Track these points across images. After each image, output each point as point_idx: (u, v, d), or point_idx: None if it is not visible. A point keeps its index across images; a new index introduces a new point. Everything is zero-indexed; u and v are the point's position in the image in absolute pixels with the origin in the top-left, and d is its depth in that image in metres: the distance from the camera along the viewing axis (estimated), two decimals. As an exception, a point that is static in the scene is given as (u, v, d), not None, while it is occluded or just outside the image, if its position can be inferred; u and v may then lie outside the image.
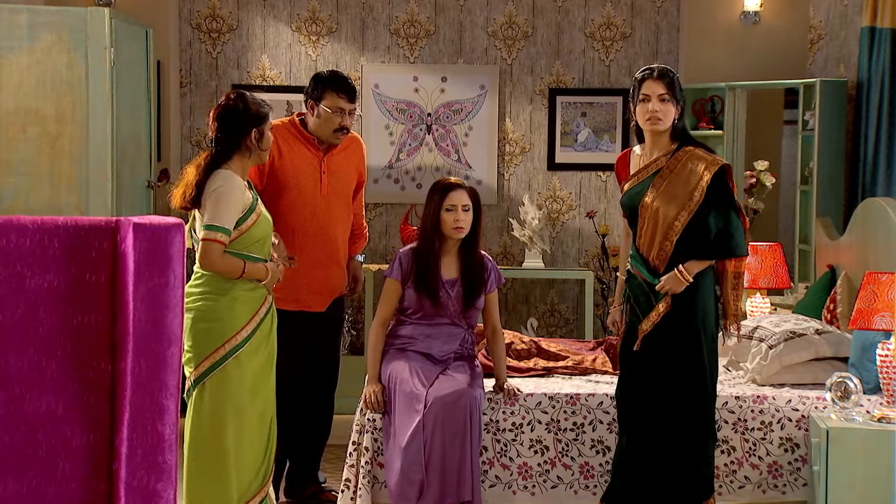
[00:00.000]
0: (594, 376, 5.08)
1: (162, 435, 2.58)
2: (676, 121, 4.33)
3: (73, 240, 2.53)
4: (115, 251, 2.54)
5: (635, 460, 4.31)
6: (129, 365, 2.54)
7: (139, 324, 2.55)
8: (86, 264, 2.53)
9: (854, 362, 4.90)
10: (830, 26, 6.87)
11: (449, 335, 4.75)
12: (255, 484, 4.21)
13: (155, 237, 2.57)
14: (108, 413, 2.54)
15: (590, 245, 7.33)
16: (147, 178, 6.46)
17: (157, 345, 2.58)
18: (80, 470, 2.52)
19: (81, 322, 2.53)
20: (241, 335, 4.14)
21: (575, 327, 7.35)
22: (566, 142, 7.33)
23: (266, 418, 4.27)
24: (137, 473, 2.54)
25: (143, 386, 2.56)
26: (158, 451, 2.57)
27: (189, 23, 7.25)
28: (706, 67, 7.10)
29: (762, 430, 4.71)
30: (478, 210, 4.76)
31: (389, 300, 4.76)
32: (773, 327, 5.12)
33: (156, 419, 2.57)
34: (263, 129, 4.26)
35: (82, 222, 2.55)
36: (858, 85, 6.39)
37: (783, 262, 5.95)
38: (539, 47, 7.30)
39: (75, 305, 2.53)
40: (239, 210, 4.13)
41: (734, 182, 4.39)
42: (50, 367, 2.52)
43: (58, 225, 2.53)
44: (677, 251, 4.26)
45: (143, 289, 2.55)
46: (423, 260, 4.71)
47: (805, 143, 6.72)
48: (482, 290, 4.77)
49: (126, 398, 2.54)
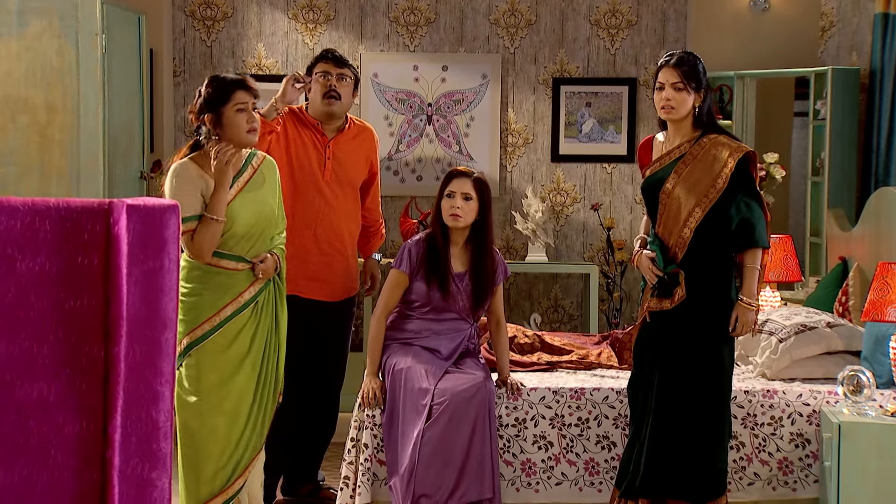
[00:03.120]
0: (599, 371, 5.08)
1: (156, 422, 2.58)
2: (698, 108, 4.33)
3: (65, 222, 2.53)
4: (109, 234, 2.54)
5: (648, 456, 4.31)
6: (123, 350, 2.54)
7: (133, 308, 2.55)
8: (78, 247, 2.53)
9: (867, 356, 4.90)
10: (842, 13, 6.87)
11: (455, 330, 4.74)
12: (218, 481, 4.21)
13: (149, 219, 2.57)
14: (102, 400, 2.55)
15: (595, 239, 7.33)
16: (140, 169, 6.47)
17: (152, 330, 2.58)
18: (73, 458, 2.52)
19: (74, 306, 2.54)
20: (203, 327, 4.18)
21: (579, 323, 7.35)
22: (570, 133, 7.33)
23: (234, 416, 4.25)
24: (131, 461, 2.55)
25: (137, 372, 2.57)
26: (153, 439, 2.58)
27: (183, 10, 7.25)
28: (715, 56, 7.10)
29: (772, 426, 4.71)
30: (485, 202, 4.71)
31: (394, 292, 4.74)
32: (783, 320, 5.12)
33: (150, 406, 2.57)
34: (223, 111, 4.18)
35: (74, 204, 2.55)
36: (871, 73, 6.40)
37: (794, 254, 5.95)
38: (542, 35, 7.30)
39: (67, 289, 2.54)
40: (190, 195, 4.11)
41: (757, 172, 4.39)
42: (42, 353, 2.52)
43: (49, 207, 2.53)
44: (696, 239, 4.26)
45: (136, 272, 2.55)
46: (433, 250, 4.69)
47: (816, 132, 6.72)
48: (492, 286, 4.76)
49: (120, 385, 2.54)
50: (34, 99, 5.74)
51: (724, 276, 4.30)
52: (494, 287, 4.77)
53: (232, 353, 4.21)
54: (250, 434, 4.26)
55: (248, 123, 4.20)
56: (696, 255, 4.27)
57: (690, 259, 4.27)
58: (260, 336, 4.28)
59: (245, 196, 4.25)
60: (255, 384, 4.27)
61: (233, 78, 4.26)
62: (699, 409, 4.27)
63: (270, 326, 4.32)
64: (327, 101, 5.01)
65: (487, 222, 4.73)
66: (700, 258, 4.27)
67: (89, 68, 5.76)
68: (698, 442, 4.27)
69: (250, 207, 4.24)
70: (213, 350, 4.19)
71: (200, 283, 4.20)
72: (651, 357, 4.34)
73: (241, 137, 4.20)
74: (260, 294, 4.27)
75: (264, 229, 4.29)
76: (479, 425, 4.45)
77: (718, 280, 4.29)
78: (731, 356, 4.34)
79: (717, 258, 4.29)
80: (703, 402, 4.27)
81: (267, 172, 4.36)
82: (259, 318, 4.28)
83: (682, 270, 4.27)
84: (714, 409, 4.29)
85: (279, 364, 4.35)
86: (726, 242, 4.28)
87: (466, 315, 4.76)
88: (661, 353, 4.31)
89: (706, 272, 4.28)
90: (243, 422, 4.24)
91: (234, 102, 4.19)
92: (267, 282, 4.29)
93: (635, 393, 4.40)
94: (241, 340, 4.23)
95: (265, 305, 4.29)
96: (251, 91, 4.24)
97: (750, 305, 4.27)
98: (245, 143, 4.22)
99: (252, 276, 4.24)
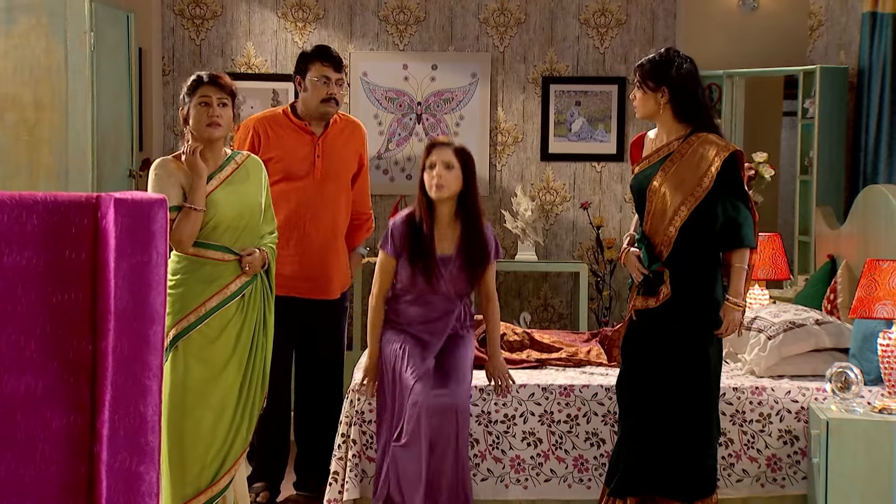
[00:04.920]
0: (589, 368, 5.09)
1: (144, 416, 2.58)
2: (675, 104, 4.31)
3: (52, 216, 2.52)
4: (96, 227, 2.54)
5: (637, 454, 4.31)
6: (111, 345, 2.54)
7: (121, 302, 2.55)
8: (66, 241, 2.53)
9: (855, 352, 4.92)
10: (831, 12, 6.90)
11: (445, 313, 4.52)
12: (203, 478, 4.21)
13: (137, 213, 2.57)
14: (89, 394, 2.54)
15: (584, 237, 7.35)
16: (128, 168, 6.47)
17: (140, 324, 2.58)
18: (60, 452, 2.52)
19: (61, 300, 2.53)
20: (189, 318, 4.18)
21: (569, 322, 7.36)
22: (560, 131, 7.35)
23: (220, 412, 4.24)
24: (119, 455, 2.54)
25: (124, 366, 2.56)
26: (141, 433, 2.57)
27: (172, 8, 7.25)
28: (704, 54, 7.10)
29: (761, 423, 4.73)
30: (469, 172, 4.47)
31: (384, 274, 4.52)
32: (771, 318, 5.14)
33: (138, 400, 2.57)
34: (189, 107, 4.28)
35: (62, 198, 2.55)
36: (860, 72, 6.42)
37: (782, 252, 5.97)
38: (532, 34, 7.31)
39: (55, 283, 2.53)
40: (174, 186, 4.18)
41: (745, 170, 4.39)
42: (29, 347, 2.51)
43: (36, 200, 2.53)
44: (682, 238, 4.27)
45: (124, 266, 2.55)
46: (416, 229, 4.47)
47: (805, 131, 6.75)
48: (484, 268, 4.52)
49: (107, 379, 2.54)
50: (22, 97, 5.73)
51: (709, 275, 4.30)
52: (486, 267, 4.54)
53: (219, 346, 4.22)
54: (236, 432, 4.26)
55: (209, 117, 4.25)
56: (681, 253, 4.27)
57: (676, 257, 4.28)
58: (247, 332, 4.28)
59: (227, 188, 4.29)
60: (241, 380, 4.27)
61: (205, 74, 4.31)
62: (686, 408, 4.28)
63: (258, 323, 4.33)
64: (327, 105, 5.03)
65: (473, 193, 4.48)
66: (685, 257, 4.28)
67: (78, 66, 5.76)
68: (686, 440, 4.28)
69: (233, 198, 4.28)
70: (199, 342, 4.20)
71: (186, 273, 4.22)
72: (638, 355, 4.35)
73: (201, 130, 4.27)
74: (246, 288, 4.28)
75: (249, 222, 4.30)
76: (448, 445, 4.34)
77: (703, 279, 4.29)
78: (718, 355, 4.35)
79: (703, 257, 4.30)
80: (689, 400, 4.28)
81: (252, 169, 4.39)
82: (245, 313, 4.28)
83: (666, 269, 4.27)
84: (701, 408, 4.29)
85: (266, 363, 4.36)
86: (712, 241, 4.29)
87: (453, 298, 4.54)
88: (647, 351, 4.32)
89: (691, 271, 4.28)
90: (229, 419, 4.24)
91: (199, 96, 4.27)
92: (254, 277, 4.30)
93: (623, 391, 4.41)
94: (228, 334, 4.24)
95: (252, 301, 4.30)
96: (219, 86, 4.27)
97: (737, 305, 4.28)
98: (205, 137, 4.26)
99: (238, 269, 4.26)
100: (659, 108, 4.32)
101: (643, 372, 4.32)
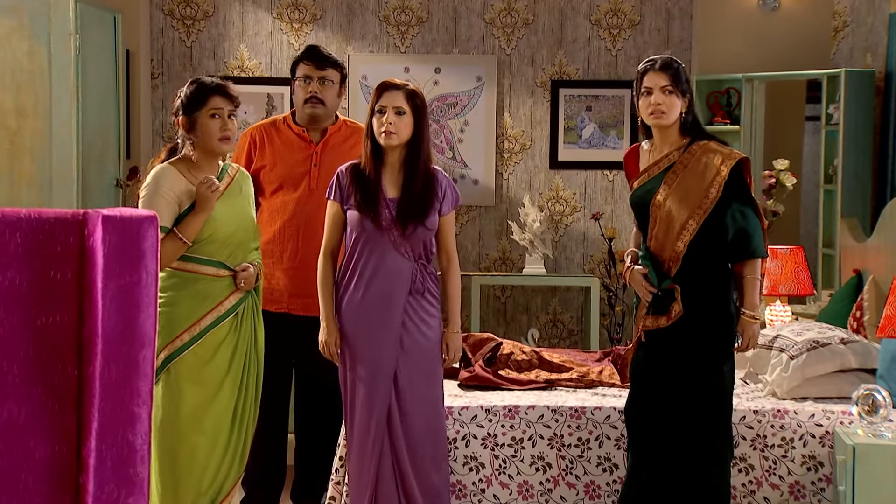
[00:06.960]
0: (601, 389, 5.09)
1: (133, 445, 2.58)
2: (684, 114, 4.36)
3: (36, 234, 2.53)
4: (83, 246, 2.55)
5: (648, 483, 4.31)
6: (98, 369, 2.55)
7: (109, 325, 2.56)
8: (51, 260, 2.54)
9: (882, 373, 4.91)
10: (856, 13, 6.90)
11: (395, 270, 4.41)
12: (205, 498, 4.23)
13: (126, 231, 2.57)
14: (75, 422, 2.55)
15: (595, 250, 7.35)
16: (115, 176, 6.48)
17: (129, 348, 2.59)
18: (44, 483, 2.53)
19: (46, 323, 2.54)
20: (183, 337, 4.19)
21: (579, 339, 7.36)
22: (570, 138, 7.36)
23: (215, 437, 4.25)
24: (106, 487, 2.55)
25: (112, 392, 2.57)
26: (129, 463, 2.58)
27: (161, 9, 7.27)
28: (722, 57, 7.13)
29: (783, 448, 4.72)
30: (420, 116, 4.41)
31: (332, 225, 4.49)
32: (794, 336, 5.13)
33: (126, 428, 2.58)
34: (197, 115, 4.26)
35: (47, 215, 2.55)
36: (887, 76, 6.42)
37: (805, 266, 5.97)
38: (540, 36, 7.33)
39: (39, 305, 2.54)
40: (168, 204, 4.17)
41: (752, 178, 4.41)
42: (11, 372, 2.52)
43: (20, 217, 2.53)
44: (691, 252, 4.27)
45: (113, 287, 2.56)
46: (363, 175, 4.44)
47: (829, 138, 6.75)
48: (427, 211, 4.43)
49: (94, 405, 2.54)
50: (3, 103, 5.75)
51: (721, 288, 4.31)
52: (442, 214, 4.46)
53: (212, 367, 4.22)
54: (231, 457, 4.26)
55: (222, 131, 4.25)
56: (691, 268, 4.27)
57: (685, 273, 4.28)
58: (240, 352, 4.29)
59: (224, 202, 4.30)
60: (235, 403, 4.28)
61: (212, 82, 4.30)
62: (701, 430, 4.27)
63: (250, 342, 4.34)
64: (310, 105, 5.04)
65: (422, 138, 4.42)
66: (696, 272, 4.28)
67: (62, 70, 5.78)
68: (701, 464, 4.28)
69: (230, 213, 4.30)
70: (192, 364, 4.20)
71: (177, 290, 4.21)
72: (649, 377, 4.34)
73: (213, 144, 4.26)
74: (240, 304, 4.29)
75: (242, 238, 4.33)
76: (430, 459, 4.39)
77: (716, 293, 4.30)
78: (731, 373, 4.35)
79: (714, 271, 4.30)
80: (705, 422, 4.27)
81: (243, 182, 4.44)
82: (239, 332, 4.30)
83: (677, 286, 4.27)
84: (718, 430, 4.29)
85: (258, 383, 4.37)
86: (722, 254, 4.30)
87: (406, 252, 4.42)
88: (659, 372, 4.31)
89: (703, 286, 4.28)
90: (224, 444, 4.24)
91: (209, 107, 4.25)
92: (246, 294, 4.31)
93: (634, 415, 4.40)
94: (222, 355, 4.24)
95: (244, 319, 4.31)
96: (229, 98, 4.28)
97: (754, 318, 4.28)
98: (216, 151, 4.27)
99: (233, 286, 4.26)
100: (679, 116, 4.34)
101: (657, 394, 4.31)
